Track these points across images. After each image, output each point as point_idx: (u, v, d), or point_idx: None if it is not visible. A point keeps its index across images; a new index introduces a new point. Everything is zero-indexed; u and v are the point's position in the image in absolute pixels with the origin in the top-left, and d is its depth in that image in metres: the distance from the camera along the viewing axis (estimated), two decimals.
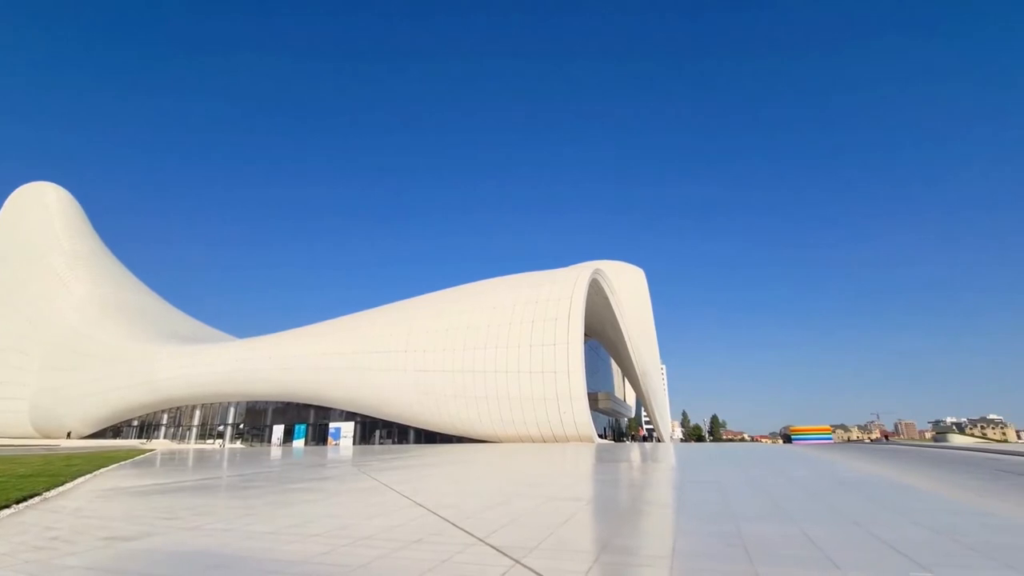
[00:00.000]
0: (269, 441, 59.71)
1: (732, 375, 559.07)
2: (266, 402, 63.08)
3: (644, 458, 23.56)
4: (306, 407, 58.73)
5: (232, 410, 66.13)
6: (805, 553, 5.16)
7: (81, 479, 15.41)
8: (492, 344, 44.10)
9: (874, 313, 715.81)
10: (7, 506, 9.66)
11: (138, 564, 5.54)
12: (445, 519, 7.35)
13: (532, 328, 42.90)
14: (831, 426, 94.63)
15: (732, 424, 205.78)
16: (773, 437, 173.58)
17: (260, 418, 64.28)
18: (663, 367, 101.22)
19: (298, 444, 56.15)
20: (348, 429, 53.96)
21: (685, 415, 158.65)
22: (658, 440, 70.32)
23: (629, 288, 68.20)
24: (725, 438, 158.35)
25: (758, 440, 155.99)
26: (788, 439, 72.61)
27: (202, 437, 66.37)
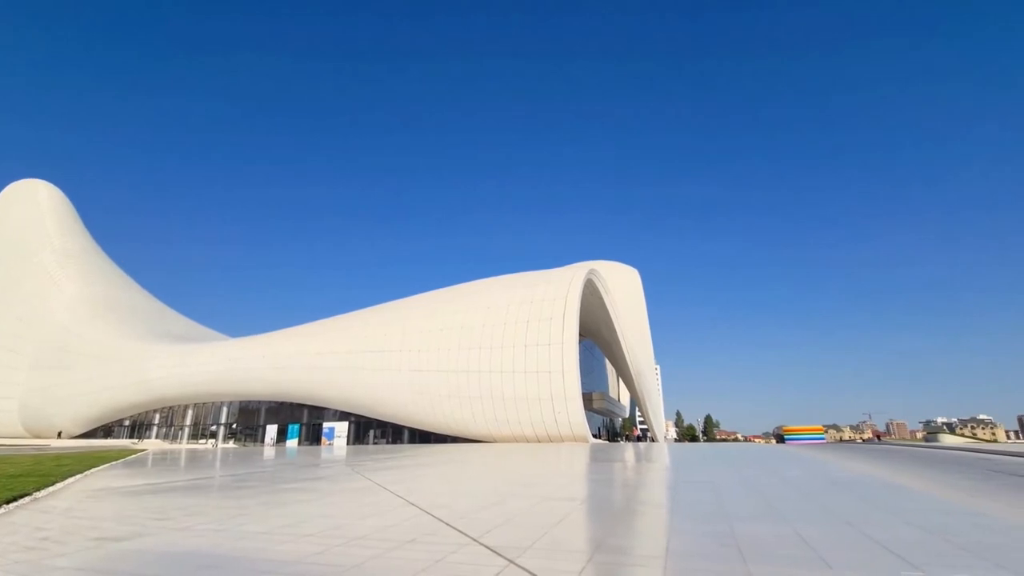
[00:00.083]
0: (262, 441, 59.40)
1: (726, 375, 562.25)
2: (259, 402, 62.78)
3: (638, 458, 23.61)
4: (300, 407, 58.49)
5: (225, 410, 65.76)
6: (798, 553, 5.18)
7: (71, 479, 15.28)
8: (487, 344, 44.07)
9: (867, 314, 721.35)
10: None
11: (129, 565, 5.49)
12: (439, 519, 7.33)
13: (527, 328, 42.90)
14: (823, 426, 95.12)
15: (726, 424, 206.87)
16: (766, 437, 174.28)
17: (253, 418, 63.95)
18: (657, 367, 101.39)
19: (291, 444, 55.88)
20: (342, 429, 53.77)
21: (679, 415, 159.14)
22: (652, 440, 70.50)
23: (624, 288, 68.29)
24: (719, 438, 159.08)
25: (751, 440, 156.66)
26: (781, 439, 72.98)
27: (194, 437, 65.96)
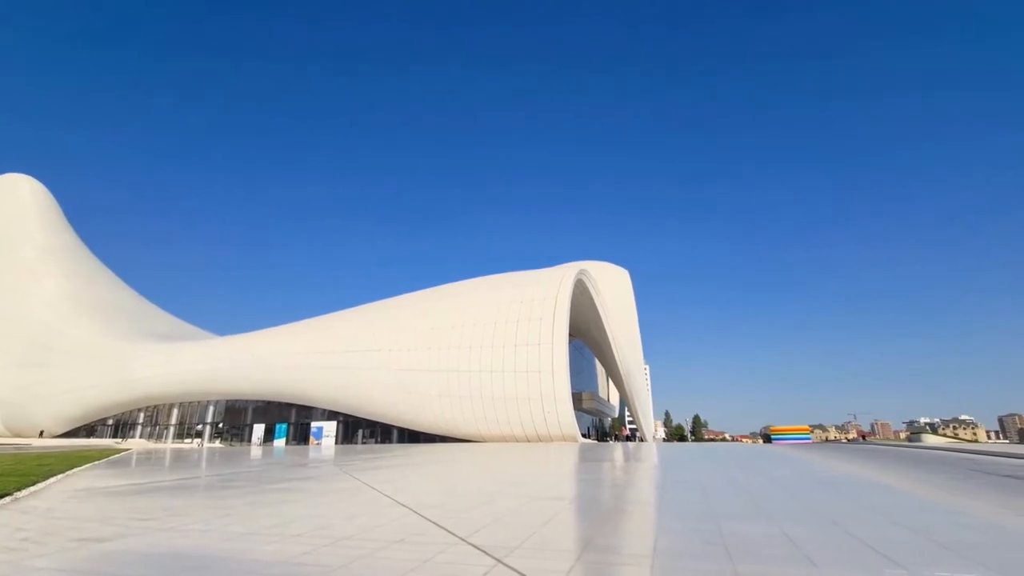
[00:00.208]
0: (249, 440, 58.84)
1: (714, 376, 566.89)
2: (246, 401, 62.19)
3: (627, 458, 23.70)
4: (287, 406, 58.00)
5: (211, 409, 65.06)
6: (784, 552, 5.23)
7: (53, 479, 15.03)
8: (477, 343, 44.03)
9: (853, 316, 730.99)
10: None
11: (111, 566, 5.40)
12: (427, 519, 7.30)
13: (517, 328, 42.92)
14: (809, 426, 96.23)
15: (713, 424, 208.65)
16: (753, 437, 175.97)
17: (240, 417, 63.32)
18: (646, 367, 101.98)
19: (279, 444, 55.41)
20: (330, 428, 53.41)
21: (668, 415, 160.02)
22: (641, 440, 70.86)
23: (614, 288, 68.55)
24: (707, 438, 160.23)
25: (739, 440, 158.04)
26: (768, 439, 73.74)
27: (180, 436, 65.19)
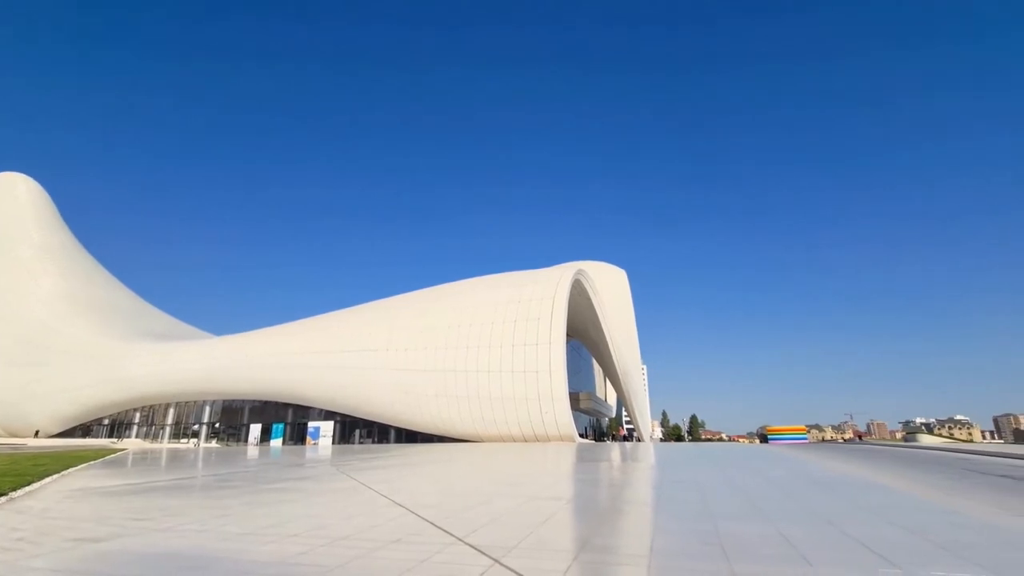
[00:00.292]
0: (246, 441, 58.70)
1: (711, 376, 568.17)
2: (243, 401, 62.02)
3: (624, 458, 23.72)
4: (284, 406, 57.87)
5: (207, 409, 64.87)
6: (780, 551, 5.24)
7: (48, 479, 14.97)
8: (474, 343, 44.00)
9: (850, 317, 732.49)
10: None
11: (107, 566, 5.39)
12: (424, 519, 7.30)
13: (514, 328, 42.91)
14: (806, 426, 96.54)
15: (711, 424, 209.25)
16: (750, 437, 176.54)
17: (236, 417, 63.14)
18: (644, 367, 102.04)
19: (276, 444, 55.28)
20: (327, 428, 53.30)
21: (665, 415, 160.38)
22: (638, 440, 70.93)
23: (611, 289, 68.58)
24: (704, 438, 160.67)
25: (736, 440, 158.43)
26: (764, 439, 73.95)
27: (176, 436, 64.99)
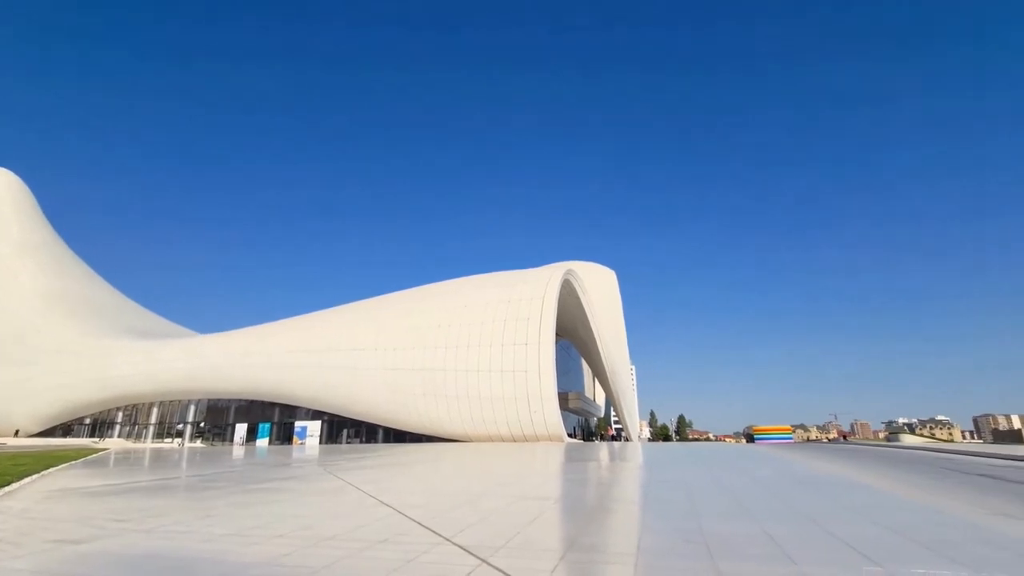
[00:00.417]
0: (231, 440, 58.05)
1: (699, 376, 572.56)
2: (228, 400, 61.33)
3: (612, 457, 23.83)
4: (271, 405, 57.32)
5: (192, 408, 64.07)
6: (764, 550, 5.29)
7: (28, 479, 14.72)
8: (463, 343, 43.92)
9: (834, 318, 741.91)
10: None
11: (88, 568, 5.30)
12: (412, 519, 7.27)
13: (504, 327, 42.89)
14: (792, 426, 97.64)
15: (698, 424, 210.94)
16: (737, 436, 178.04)
17: (222, 416, 62.43)
18: (632, 367, 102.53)
19: (262, 443, 54.74)
20: (314, 428, 52.89)
21: (653, 415, 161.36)
22: (626, 439, 71.31)
23: (600, 289, 68.80)
24: (691, 437, 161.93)
25: (723, 440, 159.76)
26: (751, 439, 74.67)
27: (160, 436, 64.12)
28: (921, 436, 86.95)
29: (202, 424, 63.23)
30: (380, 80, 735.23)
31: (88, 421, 68.47)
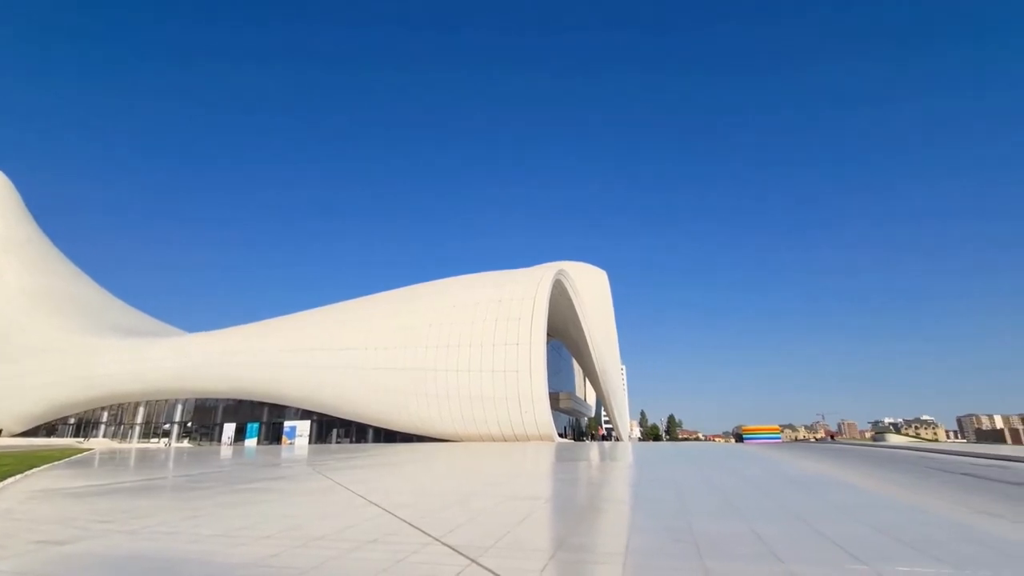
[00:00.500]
0: (219, 440, 57.48)
1: (689, 377, 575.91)
2: (216, 399, 60.74)
3: (602, 457, 23.90)
4: (259, 405, 56.84)
5: (179, 407, 63.37)
6: (753, 549, 5.33)
7: (11, 479, 14.51)
8: (454, 343, 43.83)
9: (821, 319, 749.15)
10: None
11: (71, 569, 5.23)
12: (401, 519, 7.24)
13: (495, 327, 42.86)
14: (780, 426, 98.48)
15: (688, 424, 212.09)
16: (726, 436, 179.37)
17: (210, 416, 61.80)
18: (623, 367, 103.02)
19: (250, 443, 54.25)
20: (304, 428, 52.50)
21: (643, 415, 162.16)
22: (617, 439, 71.53)
23: (592, 289, 69.01)
24: (681, 437, 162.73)
25: (712, 439, 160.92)
26: (740, 438, 75.11)
27: (146, 436, 63.35)
28: (906, 436, 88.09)
29: (189, 424, 62.56)
30: (380, 80, 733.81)
31: (72, 421, 67.52)
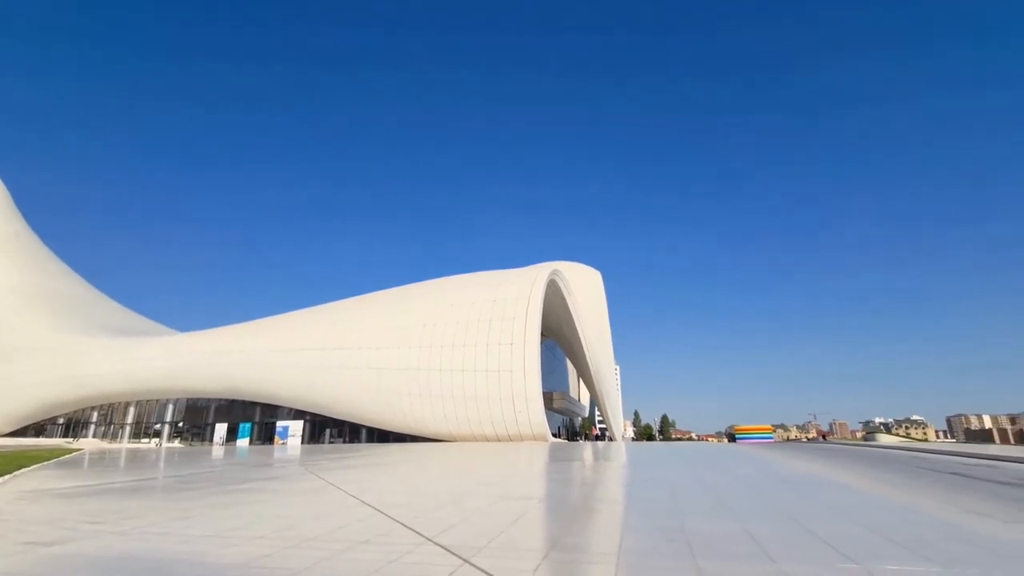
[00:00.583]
0: (211, 440, 57.06)
1: (682, 377, 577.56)
2: (208, 399, 60.31)
3: (596, 457, 23.94)
4: (251, 405, 56.50)
5: (170, 407, 62.86)
6: (745, 548, 5.36)
7: None
8: (448, 342, 43.77)
9: (813, 319, 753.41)
10: None
11: (61, 571, 5.16)
12: (394, 519, 7.22)
13: (489, 327, 42.84)
14: (772, 426, 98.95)
15: (681, 424, 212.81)
16: (719, 436, 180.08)
17: (201, 416, 61.34)
18: (617, 367, 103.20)
19: (242, 443, 53.91)
20: (296, 428, 52.23)
21: (637, 415, 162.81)
22: (610, 439, 71.68)
23: (586, 289, 69.04)
24: (674, 437, 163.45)
25: (705, 439, 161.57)
26: (732, 438, 75.42)
27: (137, 436, 62.79)
28: (897, 436, 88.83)
29: (181, 424, 62.07)
30: (380, 80, 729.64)
31: (62, 421, 66.82)
